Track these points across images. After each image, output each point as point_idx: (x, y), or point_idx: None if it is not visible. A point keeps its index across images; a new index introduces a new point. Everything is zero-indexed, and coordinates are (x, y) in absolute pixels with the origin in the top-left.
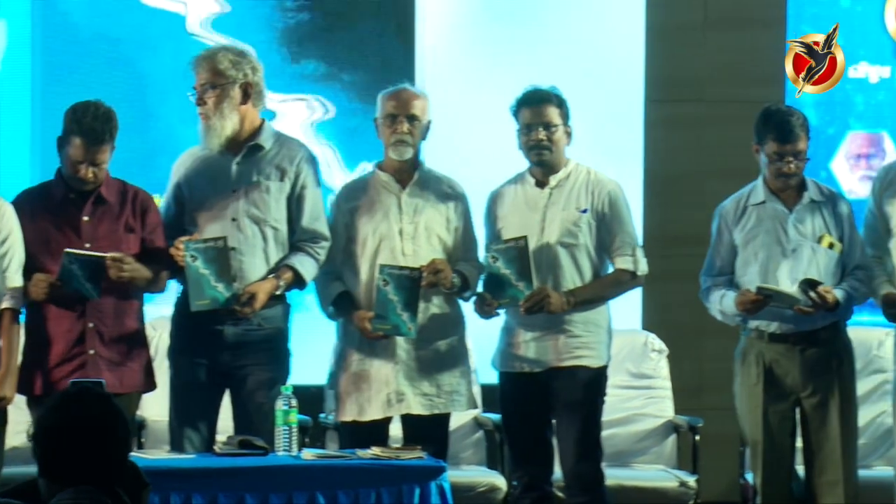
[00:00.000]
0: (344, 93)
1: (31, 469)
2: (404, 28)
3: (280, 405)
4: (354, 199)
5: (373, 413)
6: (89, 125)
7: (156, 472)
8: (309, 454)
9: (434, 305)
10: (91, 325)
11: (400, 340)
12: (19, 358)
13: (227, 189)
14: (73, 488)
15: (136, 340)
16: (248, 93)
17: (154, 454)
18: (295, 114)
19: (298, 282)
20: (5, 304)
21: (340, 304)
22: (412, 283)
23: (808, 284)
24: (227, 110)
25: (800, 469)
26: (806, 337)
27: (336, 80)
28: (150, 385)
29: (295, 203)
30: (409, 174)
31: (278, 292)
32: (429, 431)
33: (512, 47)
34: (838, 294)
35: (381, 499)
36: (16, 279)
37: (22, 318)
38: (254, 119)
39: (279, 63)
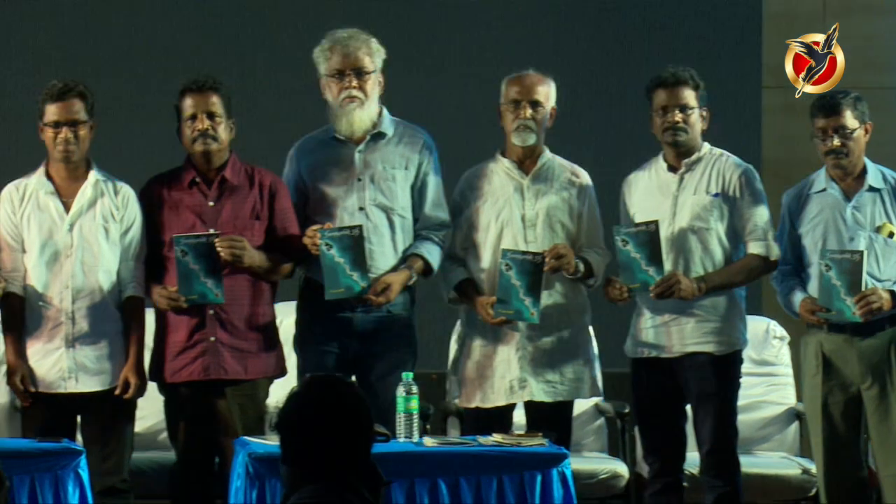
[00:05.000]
0: None
1: (153, 455)
2: None
3: (400, 392)
4: (477, 187)
5: (496, 400)
6: (192, 78)
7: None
8: (430, 441)
9: (557, 293)
10: (211, 312)
11: (523, 327)
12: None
13: (352, 178)
14: (316, 485)
15: (265, 326)
16: (381, 82)
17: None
18: None
19: (427, 271)
20: (131, 292)
21: (463, 290)
22: (534, 268)
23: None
24: (375, 97)
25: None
26: (864, 328)
27: None
28: (280, 371)
29: (417, 191)
30: (533, 161)
31: (411, 282)
32: (551, 418)
33: None
34: None
35: (503, 485)
36: (141, 267)
37: None
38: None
39: None
